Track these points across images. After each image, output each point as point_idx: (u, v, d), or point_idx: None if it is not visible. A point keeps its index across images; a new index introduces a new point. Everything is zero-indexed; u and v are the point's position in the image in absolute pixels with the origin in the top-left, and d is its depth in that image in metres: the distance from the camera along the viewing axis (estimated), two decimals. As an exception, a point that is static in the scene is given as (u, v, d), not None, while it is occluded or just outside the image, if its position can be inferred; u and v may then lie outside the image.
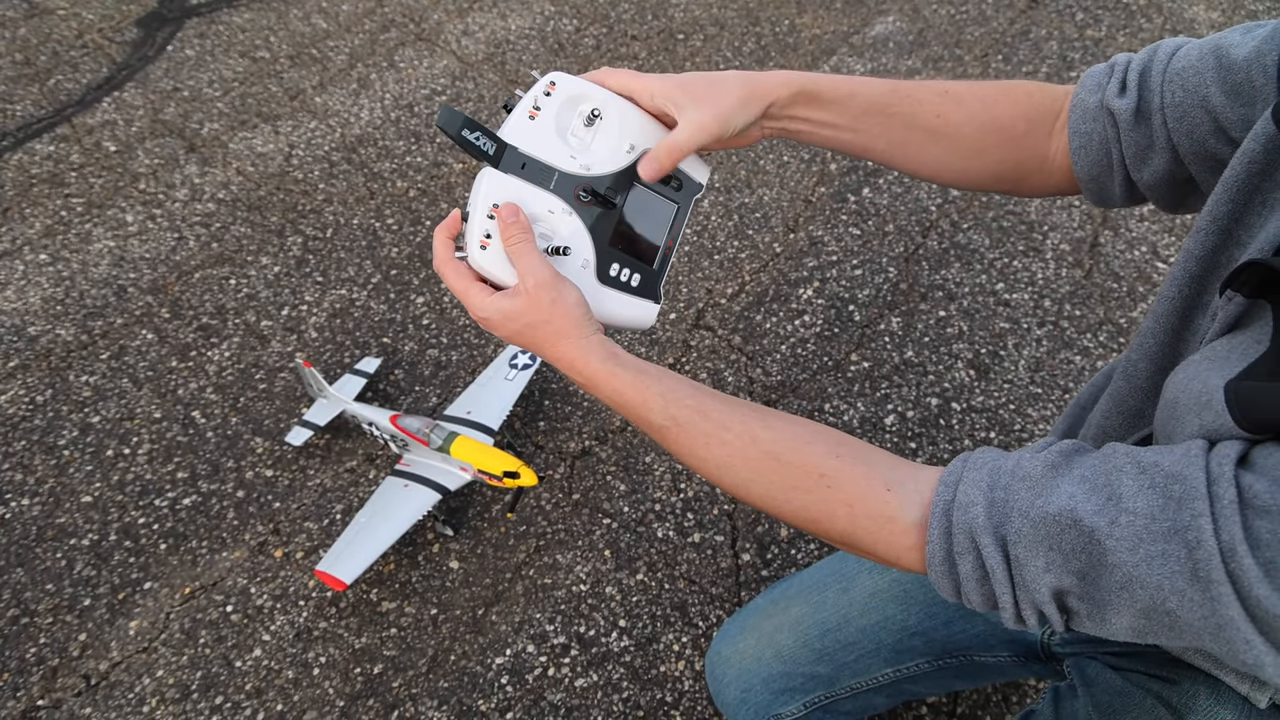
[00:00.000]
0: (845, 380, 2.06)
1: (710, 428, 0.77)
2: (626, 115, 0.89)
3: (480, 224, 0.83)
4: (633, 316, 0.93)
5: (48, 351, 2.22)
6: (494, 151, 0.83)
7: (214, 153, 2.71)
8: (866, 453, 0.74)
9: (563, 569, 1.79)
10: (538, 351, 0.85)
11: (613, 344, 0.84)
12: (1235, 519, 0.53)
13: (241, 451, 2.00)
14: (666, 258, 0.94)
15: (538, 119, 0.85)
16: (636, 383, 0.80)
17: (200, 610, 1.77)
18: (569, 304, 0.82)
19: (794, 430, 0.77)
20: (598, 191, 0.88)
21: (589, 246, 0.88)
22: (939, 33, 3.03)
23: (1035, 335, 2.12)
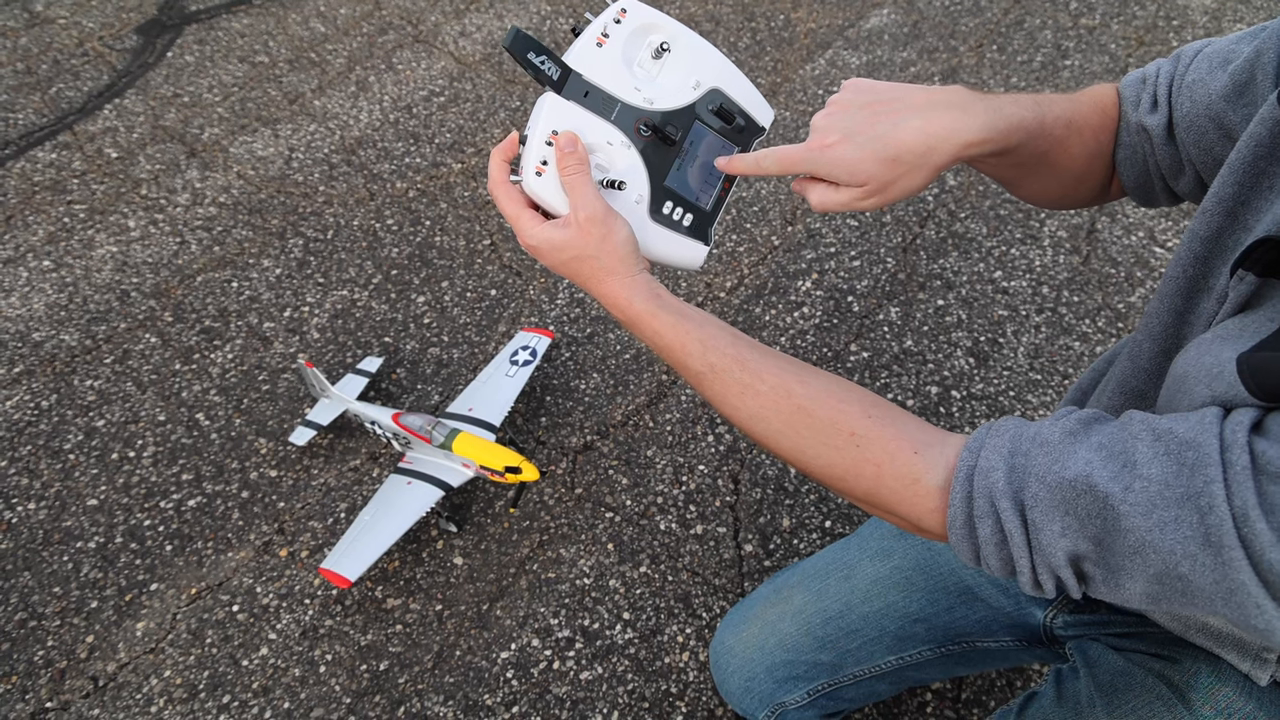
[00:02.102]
0: (845, 370, 2.05)
1: (746, 377, 0.77)
2: (696, 50, 0.87)
3: (537, 149, 0.81)
4: (682, 256, 0.92)
5: (52, 357, 2.21)
6: (558, 76, 0.81)
7: (214, 157, 2.71)
8: (898, 416, 0.74)
9: (566, 563, 1.78)
10: (582, 284, 0.84)
11: (657, 284, 0.83)
12: (1249, 484, 0.52)
13: (246, 452, 2.00)
14: (721, 199, 0.92)
15: (605, 46, 0.83)
16: (677, 326, 0.80)
17: (207, 610, 1.76)
18: (618, 240, 0.81)
19: (828, 387, 0.76)
20: (659, 127, 0.86)
21: (644, 182, 0.87)
22: (933, 24, 3.02)
23: (1034, 322, 2.11)
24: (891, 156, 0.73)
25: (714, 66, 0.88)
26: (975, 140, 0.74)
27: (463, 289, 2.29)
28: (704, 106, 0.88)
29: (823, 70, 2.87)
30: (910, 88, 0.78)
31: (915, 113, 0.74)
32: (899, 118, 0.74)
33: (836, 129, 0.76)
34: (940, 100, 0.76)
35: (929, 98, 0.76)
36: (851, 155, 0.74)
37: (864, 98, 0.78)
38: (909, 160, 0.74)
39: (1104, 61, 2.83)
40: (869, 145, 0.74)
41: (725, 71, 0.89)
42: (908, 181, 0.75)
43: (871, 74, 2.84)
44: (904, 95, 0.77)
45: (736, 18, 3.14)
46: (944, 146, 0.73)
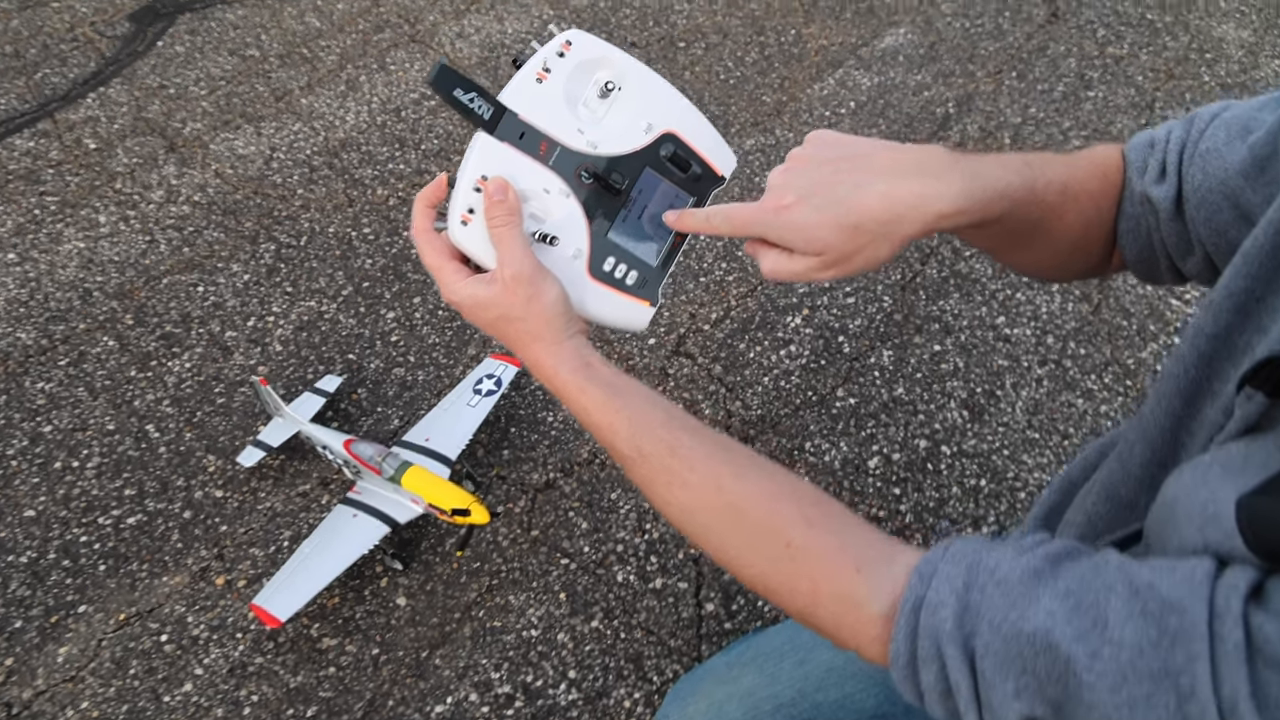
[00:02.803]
0: (829, 417, 1.93)
1: (676, 466, 0.69)
2: (650, 89, 0.79)
3: (464, 196, 0.74)
4: (624, 317, 0.83)
5: (6, 355, 2.13)
6: (490, 115, 0.74)
7: (194, 153, 2.62)
8: (841, 522, 0.65)
9: (514, 611, 1.67)
10: (509, 346, 0.77)
11: (589, 352, 0.76)
12: (1240, 668, 0.42)
13: (193, 469, 1.90)
14: (672, 254, 0.83)
15: (546, 83, 0.75)
16: (606, 403, 0.72)
17: (133, 638, 1.66)
18: (546, 302, 0.74)
19: (765, 484, 0.68)
20: (603, 174, 0.78)
21: (584, 235, 0.79)
22: (951, 46, 2.89)
23: (1035, 375, 1.98)
24: (853, 224, 0.65)
25: (669, 108, 0.80)
26: (949, 211, 0.64)
27: (434, 306, 2.18)
28: (655, 152, 0.80)
29: (831, 90, 2.75)
30: (880, 145, 0.70)
31: (881, 176, 0.66)
32: (862, 180, 0.66)
33: (793, 188, 0.68)
34: (910, 163, 0.67)
35: (897, 159, 0.67)
36: (808, 220, 0.66)
37: (826, 153, 0.70)
38: (871, 229, 0.65)
39: (1129, 95, 2.69)
40: (828, 210, 0.66)
41: (682, 113, 0.81)
42: (871, 252, 0.66)
43: (883, 97, 2.71)
44: (871, 154, 0.68)
45: (745, 30, 3.02)
46: (912, 216, 0.64)
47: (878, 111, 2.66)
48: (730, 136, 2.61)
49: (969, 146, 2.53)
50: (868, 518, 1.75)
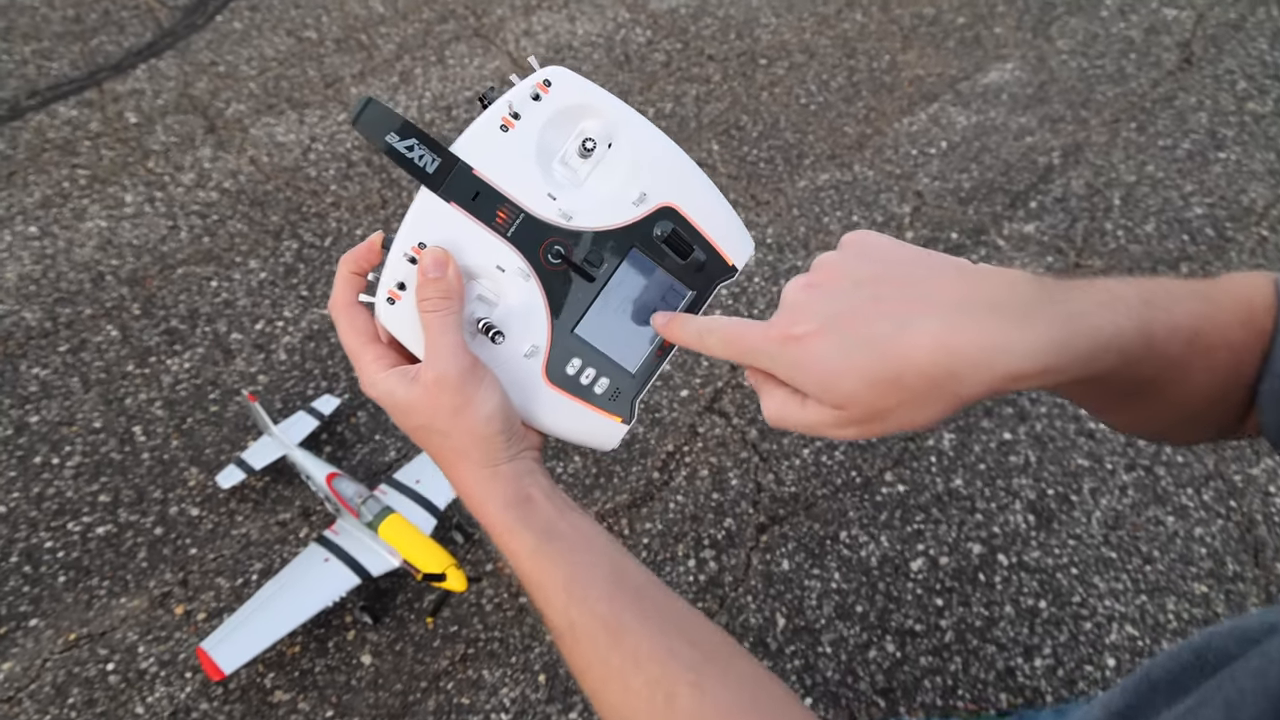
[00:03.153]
0: (873, 504, 1.75)
1: (616, 659, 0.55)
2: (649, 148, 0.65)
3: (396, 267, 0.60)
4: (588, 434, 0.69)
5: (8, 335, 2.08)
6: (435, 169, 0.59)
7: (232, 136, 2.55)
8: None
9: (486, 689, 1.53)
10: (436, 463, 0.64)
11: (534, 481, 0.62)
12: None
13: (172, 481, 1.81)
14: (657, 362, 0.69)
15: (513, 132, 0.61)
16: (537, 554, 0.58)
17: (79, 663, 1.58)
18: (479, 416, 0.60)
19: (735, 702, 0.54)
20: (575, 253, 0.64)
21: (544, 328, 0.65)
22: (1064, 88, 2.67)
23: (1120, 481, 1.77)
24: (889, 376, 0.47)
25: (671, 174, 0.65)
26: (1028, 371, 0.46)
27: (455, 328, 2.07)
28: (648, 230, 0.65)
29: (922, 127, 2.56)
30: (945, 264, 0.52)
31: (938, 312, 0.48)
32: (912, 315, 0.48)
33: (814, 314, 0.51)
34: (983, 297, 0.48)
35: (967, 291, 0.49)
36: (828, 361, 0.49)
37: (867, 268, 0.52)
38: (915, 386, 0.47)
39: (1268, 160, 2.45)
40: (857, 351, 0.48)
41: (687, 182, 0.66)
42: (911, 414, 0.49)
43: (979, 139, 2.51)
44: (929, 278, 0.50)
45: (835, 52, 2.84)
46: (974, 375, 0.46)
47: (971, 155, 2.46)
48: (802, 169, 2.45)
49: (1073, 204, 2.31)
50: (900, 628, 1.57)
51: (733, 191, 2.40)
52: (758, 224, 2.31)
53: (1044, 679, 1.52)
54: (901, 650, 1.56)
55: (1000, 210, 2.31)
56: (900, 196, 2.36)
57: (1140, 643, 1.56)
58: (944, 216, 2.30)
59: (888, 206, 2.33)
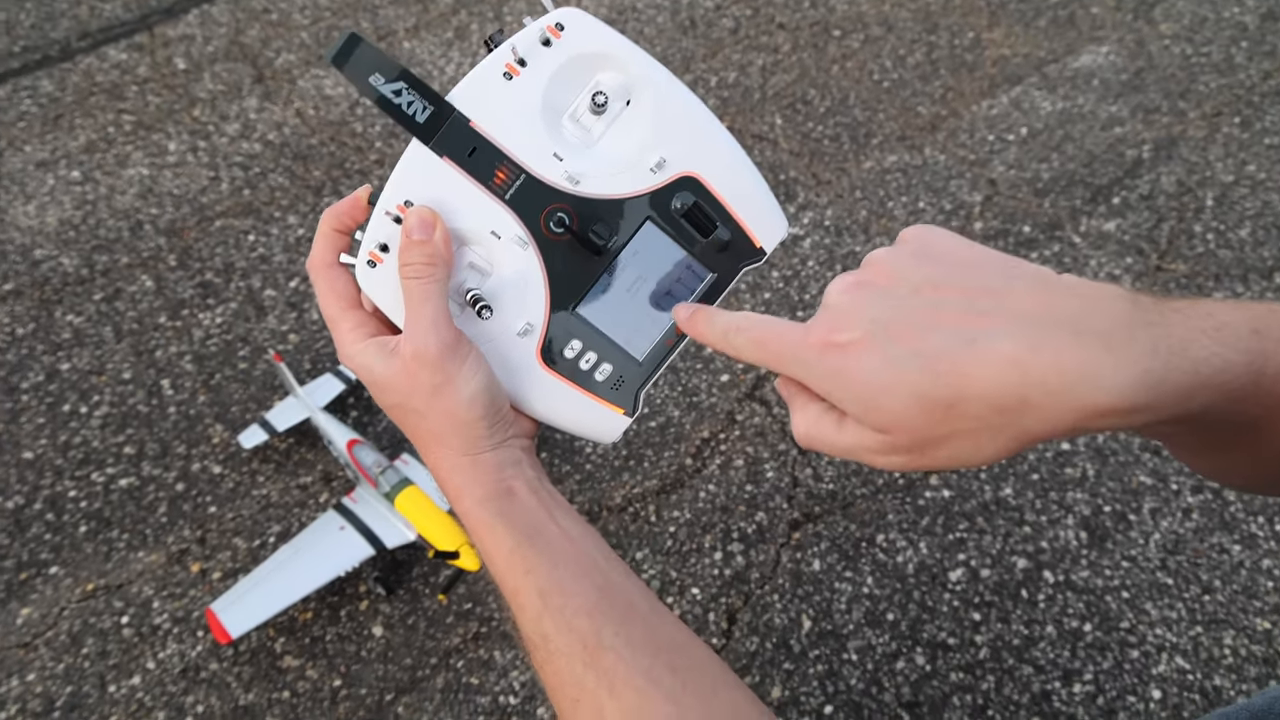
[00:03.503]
0: (914, 509, 1.74)
1: (591, 682, 0.53)
2: (670, 109, 0.60)
3: (379, 226, 0.58)
4: (585, 424, 0.66)
5: (45, 280, 2.16)
6: (426, 119, 0.57)
7: (280, 87, 2.61)
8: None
9: (497, 670, 1.57)
10: (414, 446, 0.62)
11: (518, 472, 0.60)
12: None
13: (197, 437, 1.88)
14: (668, 350, 0.65)
15: (518, 81, 0.58)
16: (514, 557, 0.57)
17: (95, 614, 1.65)
18: (459, 399, 0.57)
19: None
20: (581, 223, 0.60)
21: (541, 305, 0.62)
22: (1162, 76, 2.60)
23: (1184, 503, 1.73)
24: (947, 399, 0.43)
25: (696, 139, 0.61)
26: (1115, 408, 0.40)
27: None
28: (665, 201, 0.62)
29: (1002, 110, 2.52)
30: (1020, 271, 0.46)
31: (1011, 328, 0.42)
32: (980, 329, 0.43)
33: (861, 319, 0.46)
34: (1068, 315, 0.42)
35: (1048, 305, 0.43)
36: (874, 375, 0.45)
37: (928, 271, 0.47)
38: (977, 415, 0.43)
39: (1383, 165, 2.36)
40: (911, 366, 0.44)
41: (716, 150, 0.62)
42: (967, 448, 0.44)
43: (1064, 126, 2.47)
44: (1002, 288, 0.45)
45: (915, 26, 2.80)
46: (1050, 408, 0.41)
47: (1053, 144, 2.41)
48: (869, 149, 2.43)
49: (1161, 202, 2.26)
50: (932, 640, 1.57)
51: (793, 168, 2.39)
52: (817, 204, 2.29)
53: (1081, 706, 1.51)
54: (932, 663, 1.56)
55: (1079, 205, 2.26)
56: (972, 184, 2.33)
57: (1190, 676, 1.53)
58: (1017, 208, 2.26)
59: (957, 194, 2.30)
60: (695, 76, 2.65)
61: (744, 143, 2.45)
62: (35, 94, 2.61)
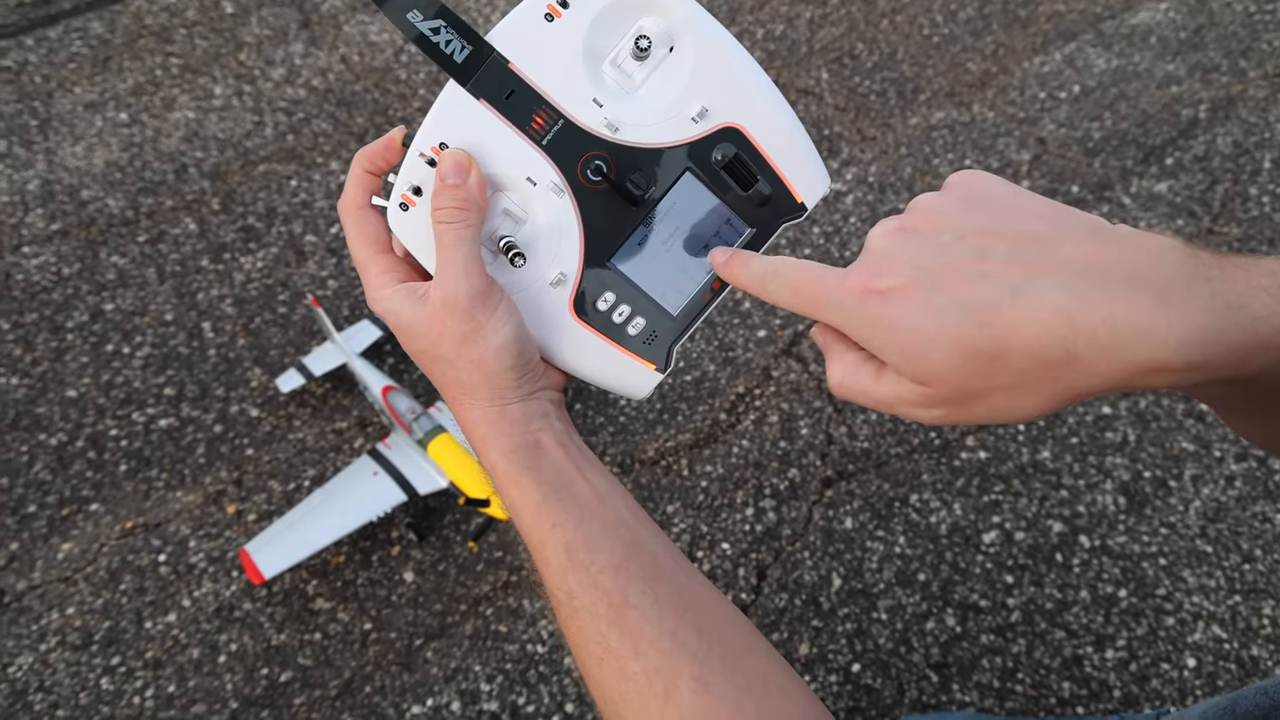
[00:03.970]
0: (949, 469, 1.69)
1: (615, 640, 0.50)
2: (714, 57, 0.57)
3: (412, 168, 0.55)
4: (615, 378, 0.63)
5: (91, 220, 2.15)
6: (464, 58, 0.54)
7: (326, 33, 2.57)
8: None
9: (525, 619, 1.55)
10: (441, 395, 0.61)
11: (547, 424, 0.57)
12: None
13: (236, 380, 1.87)
14: (703, 305, 0.62)
15: (559, 23, 0.55)
16: (540, 511, 0.54)
17: (133, 551, 1.65)
18: (488, 348, 0.55)
19: (733, 705, 0.49)
20: (619, 171, 0.58)
21: (575, 254, 0.59)
22: (1223, 34, 2.48)
23: (1227, 470, 1.67)
24: (991, 350, 0.41)
25: (740, 89, 0.58)
26: (1168, 364, 0.38)
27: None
28: (706, 152, 0.58)
29: (1055, 68, 2.42)
30: (1072, 220, 0.43)
31: (1061, 278, 0.40)
32: (1027, 278, 0.40)
33: (904, 265, 0.44)
34: (1122, 266, 0.39)
35: (1100, 255, 0.40)
36: (916, 324, 0.43)
37: (976, 218, 0.45)
38: (1022, 367, 0.40)
39: None
40: (955, 315, 0.41)
41: (759, 101, 0.58)
42: (1010, 402, 0.42)
43: (1118, 85, 2.37)
44: (1052, 237, 0.42)
45: (969, -19, 2.70)
46: (1100, 362, 0.39)
47: (1105, 102, 2.32)
48: (916, 105, 2.35)
49: (1215, 164, 2.17)
50: (964, 602, 1.53)
51: (838, 123, 2.32)
52: (861, 160, 2.23)
53: (1113, 672, 1.46)
54: (962, 625, 1.52)
55: (1130, 165, 2.17)
56: (1020, 142, 2.24)
57: (1227, 646, 1.48)
58: (1066, 167, 2.18)
59: (1005, 152, 2.22)
60: (741, 28, 2.57)
61: (789, 97, 2.38)
62: (86, 36, 2.59)
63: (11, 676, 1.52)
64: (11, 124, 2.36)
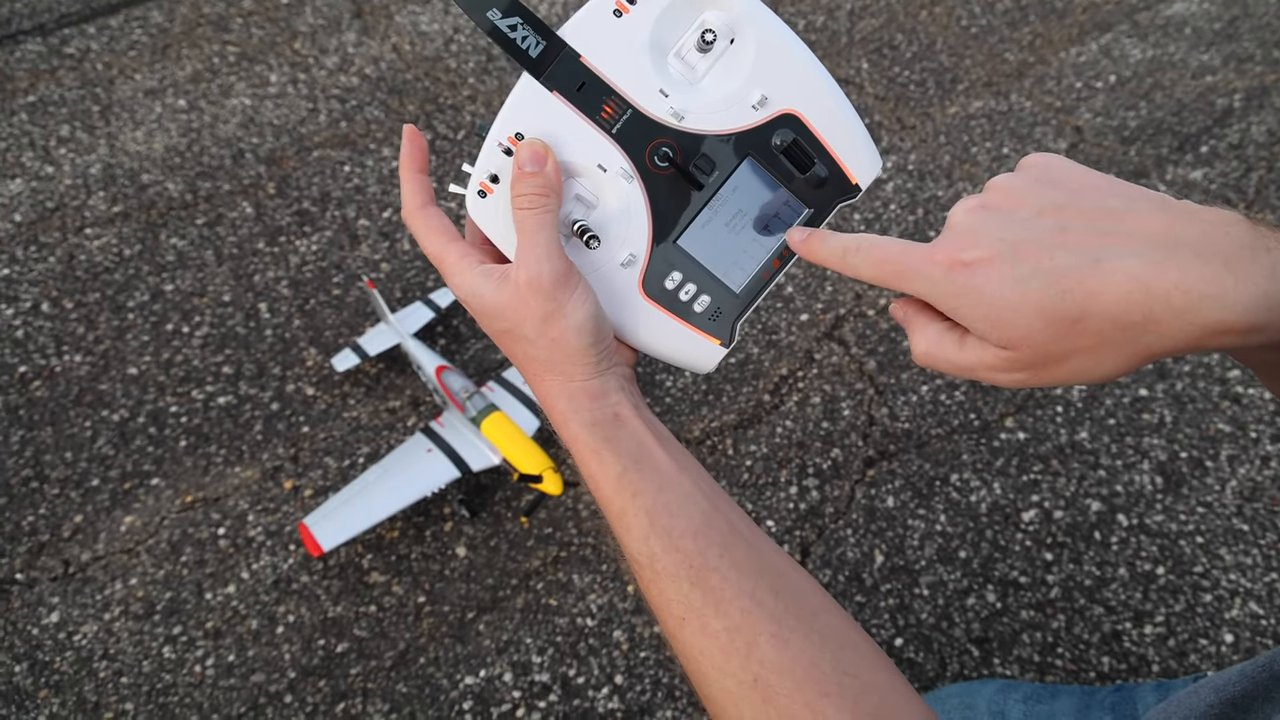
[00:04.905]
0: (989, 449, 1.66)
1: (697, 600, 0.52)
2: (775, 48, 0.59)
3: (490, 157, 0.56)
4: (683, 354, 0.65)
5: (151, 204, 2.15)
6: (539, 53, 0.55)
7: (378, 22, 2.56)
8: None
9: (575, 593, 1.53)
10: (521, 373, 0.60)
11: (625, 399, 0.58)
12: None
13: (292, 360, 1.86)
14: (764, 283, 0.64)
15: (627, 18, 0.56)
16: (622, 482, 0.54)
17: (194, 524, 1.64)
18: (569, 324, 0.56)
19: (817, 664, 0.50)
20: (684, 157, 0.59)
21: (644, 236, 0.60)
22: (1258, 24, 2.42)
23: (1263, 451, 1.63)
24: (1073, 315, 0.42)
25: (798, 79, 0.59)
26: (1236, 324, 0.40)
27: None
28: (766, 138, 0.59)
29: (1091, 58, 2.37)
30: (1141, 196, 0.45)
31: (1136, 248, 0.42)
32: (1105, 249, 0.42)
33: (988, 238, 0.46)
34: (1190, 235, 0.41)
35: (1170, 227, 0.42)
36: (1001, 292, 0.44)
37: (1053, 195, 0.46)
38: (1101, 329, 0.42)
39: None
40: (1036, 283, 0.43)
41: (815, 89, 0.60)
42: (1089, 363, 0.44)
43: (1153, 75, 2.31)
44: (1125, 211, 0.44)
45: (1005, -28, 2.65)
46: (1174, 325, 0.40)
47: (1141, 92, 2.27)
48: (954, 95, 2.30)
49: (1250, 152, 2.11)
50: (1004, 579, 1.50)
51: (878, 113, 2.28)
52: (900, 149, 2.19)
53: (1152, 647, 1.43)
54: (1002, 601, 1.49)
55: (1166, 153, 2.12)
56: (1057, 131, 2.20)
57: (1264, 622, 1.45)
58: (1102, 155, 2.13)
59: (1042, 141, 2.18)
60: (784, 18, 2.53)
61: (827, 84, 2.35)
62: (146, 24, 2.58)
63: (77, 644, 1.52)
64: (75, 110, 2.36)
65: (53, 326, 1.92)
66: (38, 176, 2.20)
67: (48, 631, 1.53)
